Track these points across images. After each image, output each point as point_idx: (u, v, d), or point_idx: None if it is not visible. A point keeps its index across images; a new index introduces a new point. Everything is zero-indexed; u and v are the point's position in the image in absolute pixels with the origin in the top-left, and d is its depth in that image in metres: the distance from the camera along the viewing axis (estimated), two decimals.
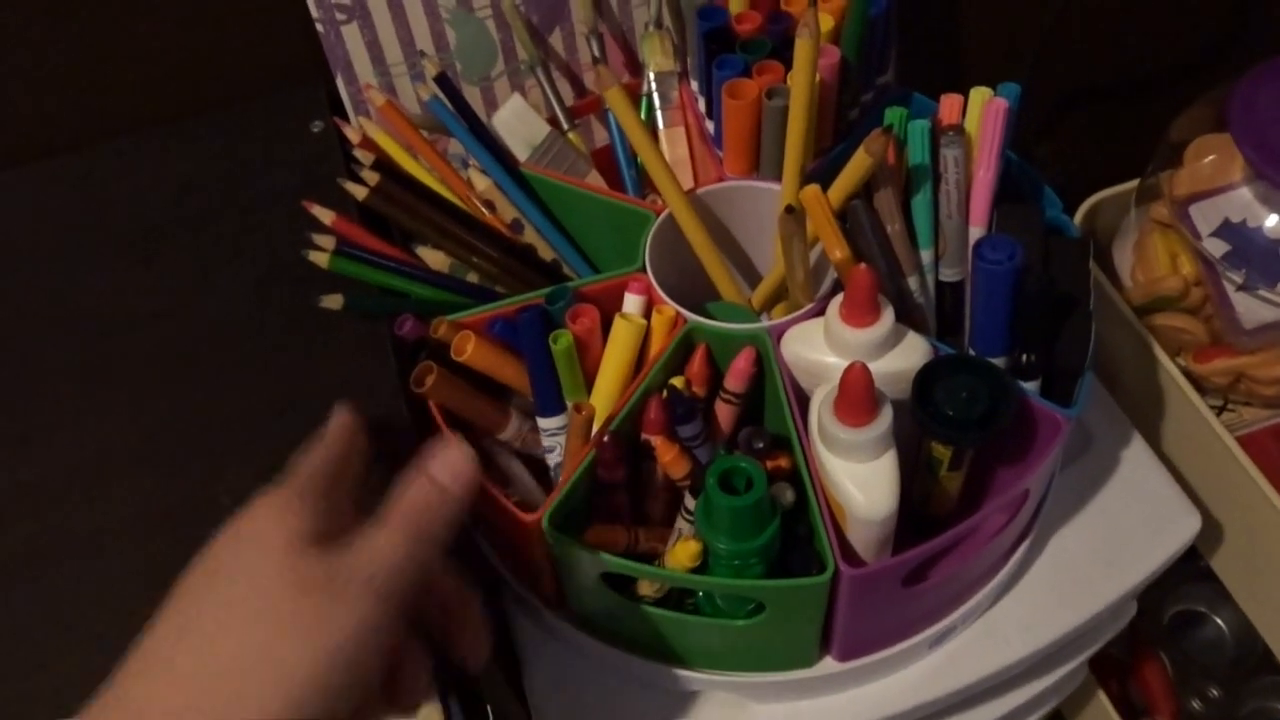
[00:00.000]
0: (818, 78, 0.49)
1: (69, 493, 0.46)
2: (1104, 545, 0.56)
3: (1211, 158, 0.66)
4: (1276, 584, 0.66)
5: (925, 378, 0.45)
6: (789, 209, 0.44)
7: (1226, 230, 0.63)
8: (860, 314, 0.44)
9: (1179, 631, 0.97)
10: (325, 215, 0.51)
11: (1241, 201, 0.64)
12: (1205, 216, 0.64)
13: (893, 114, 0.49)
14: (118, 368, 0.50)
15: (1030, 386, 0.47)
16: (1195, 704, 0.94)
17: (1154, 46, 0.88)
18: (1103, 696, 0.89)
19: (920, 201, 0.49)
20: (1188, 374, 0.66)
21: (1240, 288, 0.63)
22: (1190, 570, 0.90)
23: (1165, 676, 0.91)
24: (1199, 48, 0.90)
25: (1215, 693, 0.94)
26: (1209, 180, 0.65)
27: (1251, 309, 0.63)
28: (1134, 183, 0.72)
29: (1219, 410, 0.69)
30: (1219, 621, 0.97)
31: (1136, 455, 0.59)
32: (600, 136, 0.66)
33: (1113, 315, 0.68)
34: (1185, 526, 0.57)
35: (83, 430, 0.48)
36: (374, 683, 0.33)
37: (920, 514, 0.50)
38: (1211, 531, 0.67)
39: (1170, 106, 0.73)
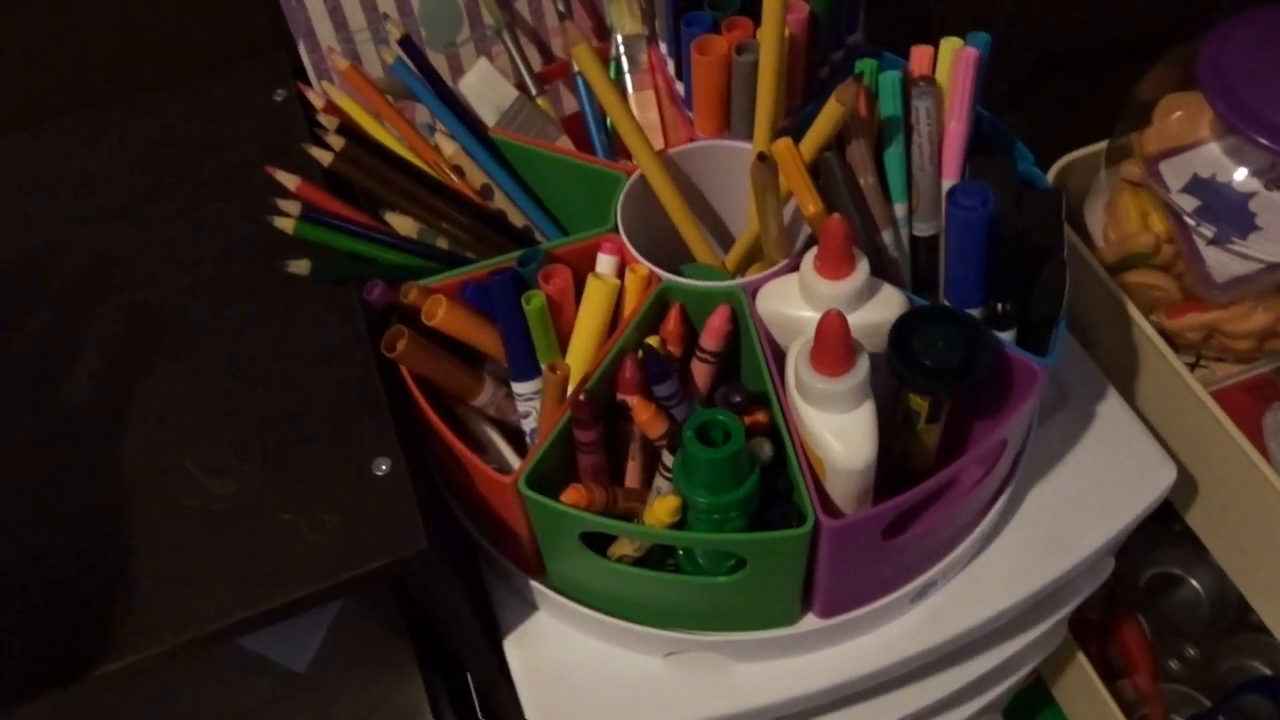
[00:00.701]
0: (787, 32, 0.49)
1: (35, 467, 0.45)
2: (1082, 498, 0.56)
3: (1179, 114, 0.66)
4: (1250, 536, 0.67)
5: (902, 329, 0.44)
6: (761, 156, 0.43)
7: (1196, 185, 0.64)
8: (835, 266, 0.44)
9: (1156, 594, 0.98)
10: (289, 180, 0.50)
11: (1210, 157, 0.64)
12: (1175, 173, 0.65)
13: (864, 65, 0.48)
14: (82, 339, 0.49)
15: (1006, 336, 0.47)
16: (1173, 664, 0.95)
17: (1121, 14, 0.88)
18: (1082, 658, 0.90)
19: (893, 154, 0.49)
20: (1161, 330, 0.67)
21: (1211, 242, 0.63)
22: (1165, 533, 0.91)
23: (1143, 638, 0.92)
24: (1166, 15, 0.90)
25: (1192, 652, 0.95)
26: (1178, 137, 0.65)
27: (1222, 263, 0.63)
28: (1103, 144, 0.72)
29: (1192, 366, 0.69)
30: (1194, 583, 0.99)
31: (1112, 410, 0.60)
32: (569, 104, 0.65)
33: (1086, 274, 0.69)
34: (1161, 478, 0.57)
35: (48, 404, 0.47)
36: None
37: (899, 470, 0.50)
38: (1186, 486, 0.68)
39: (1137, 73, 0.73)
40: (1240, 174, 0.62)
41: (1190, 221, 0.63)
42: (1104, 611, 0.93)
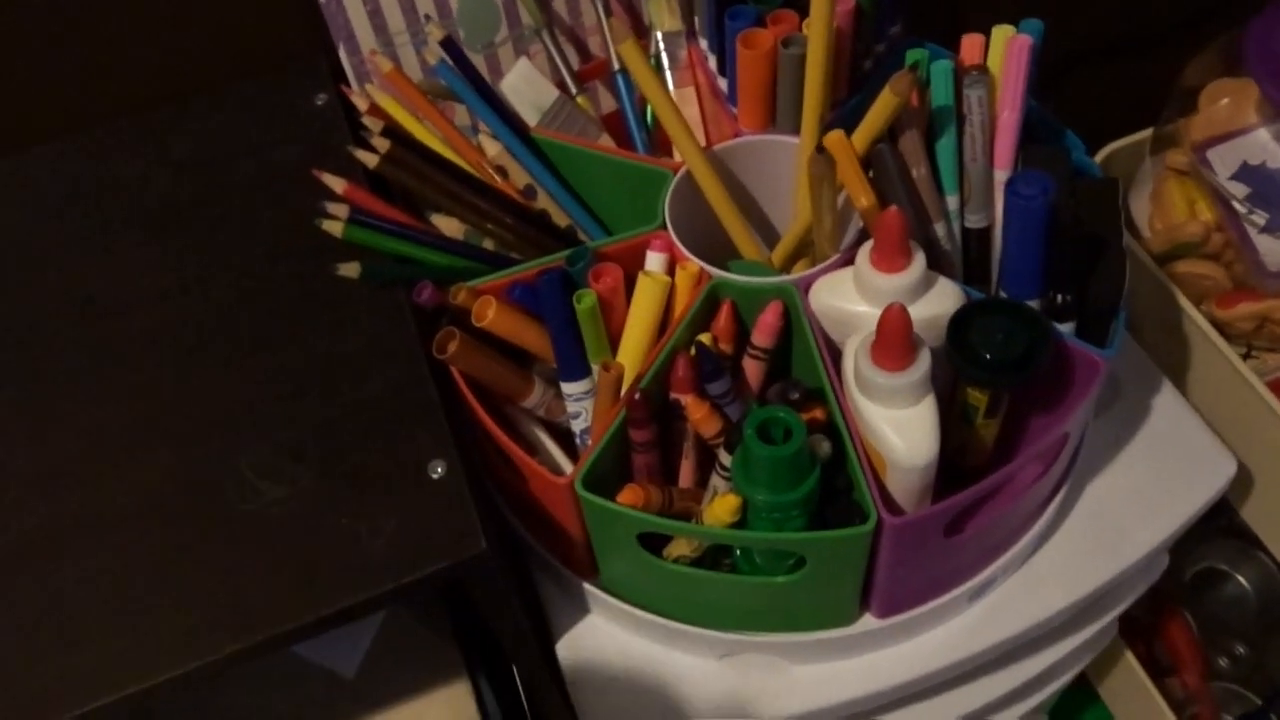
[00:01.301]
0: (834, 24, 0.48)
1: (89, 474, 0.44)
2: (1139, 493, 0.55)
3: (1226, 101, 0.65)
4: None
5: (960, 322, 0.44)
6: (819, 148, 0.43)
7: (1246, 173, 0.63)
8: (891, 259, 0.43)
9: (1202, 590, 0.97)
10: (337, 183, 0.49)
11: (1259, 143, 0.63)
12: (1224, 160, 0.64)
13: (915, 54, 0.48)
14: (132, 348, 0.49)
15: (1065, 328, 0.46)
16: (1222, 661, 0.93)
17: (1157, 2, 0.87)
18: (1130, 657, 0.88)
19: (945, 145, 0.48)
20: (1212, 320, 0.66)
21: (1263, 230, 0.62)
22: (1212, 527, 0.89)
23: (1191, 635, 0.91)
24: (1202, 3, 0.89)
25: (1242, 650, 0.94)
26: (1225, 124, 0.64)
27: (1275, 250, 0.62)
28: (1148, 132, 0.71)
29: (1244, 356, 0.68)
30: (1241, 579, 0.97)
31: (1167, 403, 0.59)
32: (607, 103, 0.65)
33: (1134, 265, 0.67)
34: (1220, 471, 0.56)
35: (100, 411, 0.46)
36: None
37: (955, 466, 0.50)
38: (1241, 480, 0.66)
39: (1176, 60, 0.72)
40: None
41: (1241, 209, 0.62)
42: (1150, 608, 0.92)
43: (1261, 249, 0.62)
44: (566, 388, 0.50)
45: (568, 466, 0.52)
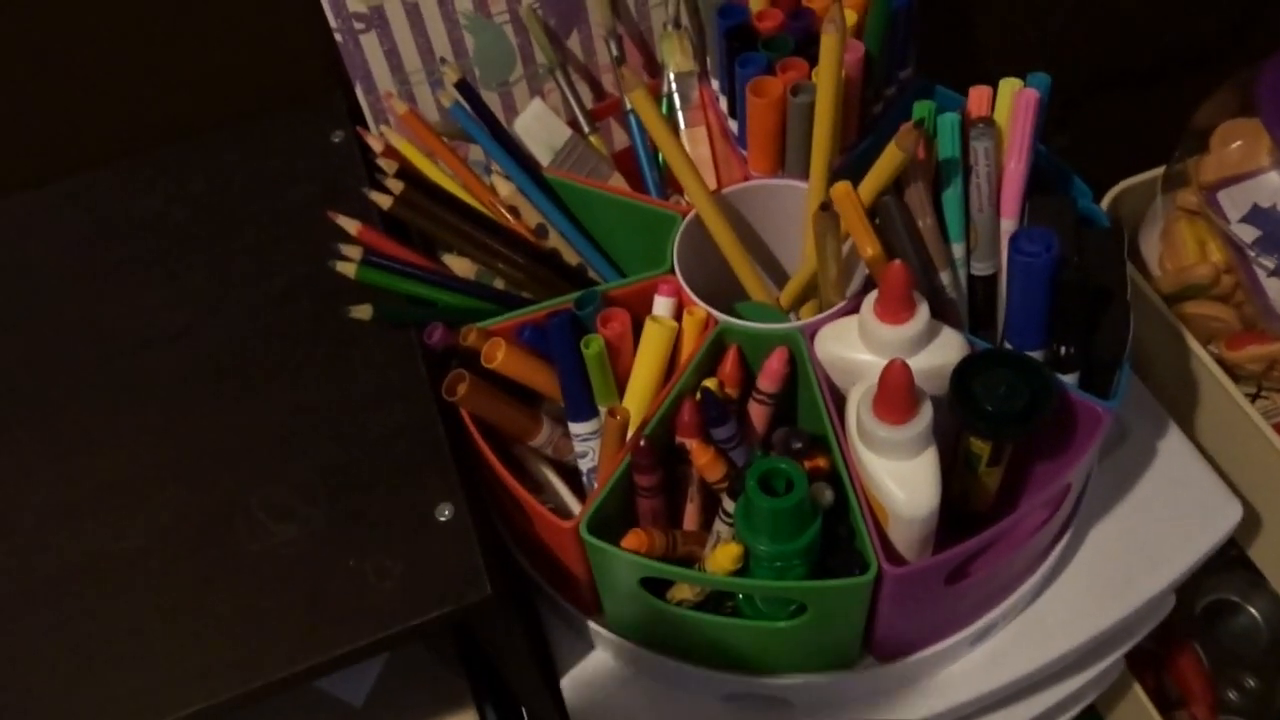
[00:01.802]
0: (843, 72, 0.49)
1: (104, 510, 0.45)
2: (1144, 537, 0.55)
3: (1238, 143, 0.65)
4: None
5: (963, 373, 0.44)
6: (823, 206, 0.43)
7: (1256, 215, 0.63)
8: (895, 311, 0.44)
9: (1212, 621, 0.96)
10: (351, 225, 0.50)
11: (1271, 186, 0.63)
12: (1234, 202, 0.64)
13: (921, 108, 0.48)
14: (146, 384, 0.50)
15: (1069, 379, 0.47)
16: (1232, 694, 0.93)
17: (1169, 34, 0.87)
18: (1138, 690, 0.88)
19: (951, 195, 0.49)
20: (1220, 362, 0.66)
21: (1272, 273, 0.62)
22: (1222, 559, 0.89)
23: (1201, 667, 0.91)
24: (1214, 34, 0.89)
25: (1252, 683, 0.93)
26: (1236, 166, 0.64)
27: None
28: (1158, 170, 0.71)
29: (1253, 397, 0.68)
30: (1252, 610, 0.97)
31: (1173, 445, 0.59)
32: (620, 139, 0.66)
33: (1143, 305, 0.68)
34: (1226, 516, 0.56)
35: (115, 448, 0.47)
36: None
37: (958, 510, 0.50)
38: (1249, 520, 0.66)
39: (1186, 94, 0.72)
40: None
41: (1250, 253, 0.62)
42: (1160, 640, 0.91)
43: (1271, 292, 0.62)
44: (574, 428, 0.50)
45: (574, 505, 0.52)
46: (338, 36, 0.56)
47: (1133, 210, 0.74)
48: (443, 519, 0.44)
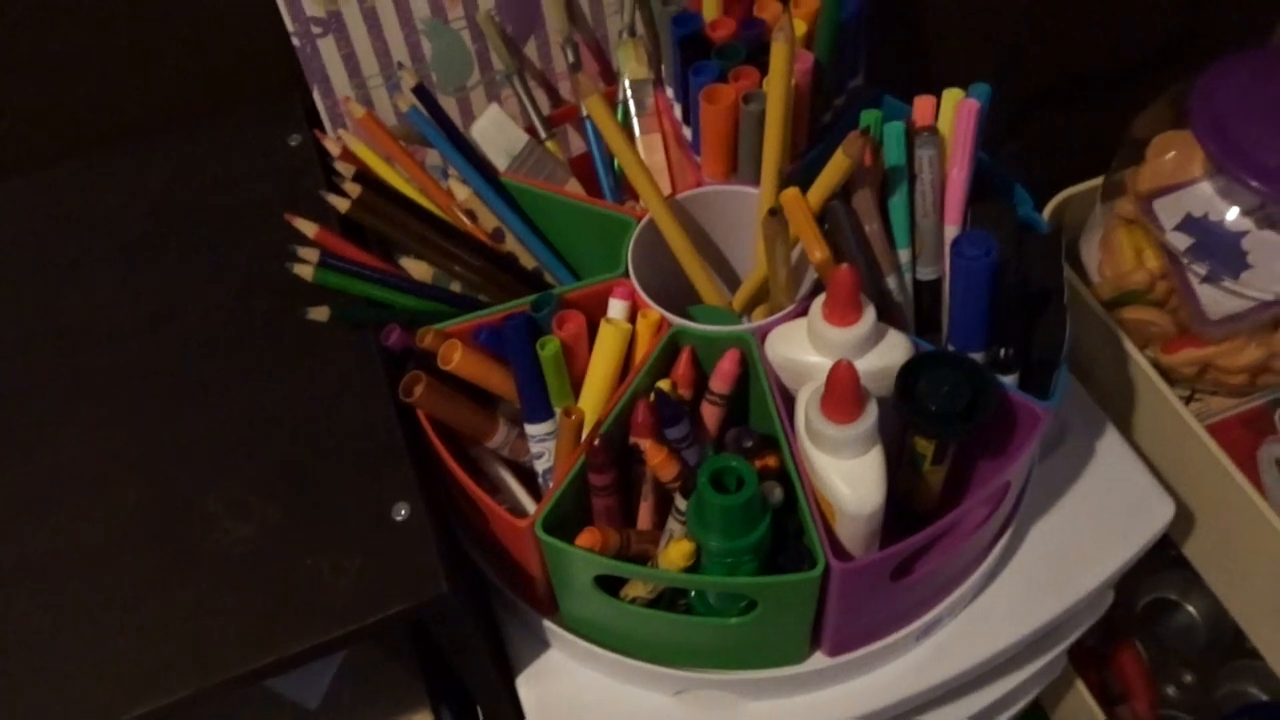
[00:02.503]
0: (793, 82, 0.50)
1: (59, 506, 0.45)
2: (1082, 534, 0.57)
3: (1173, 154, 0.67)
4: (1248, 568, 0.68)
5: (908, 374, 0.46)
6: (772, 212, 0.45)
7: (1189, 224, 0.65)
8: (843, 313, 0.45)
9: (1152, 619, 0.99)
10: (309, 228, 0.51)
11: (1203, 196, 0.65)
12: (1168, 211, 0.66)
13: (868, 116, 0.50)
14: (103, 381, 0.50)
15: (1009, 380, 0.48)
16: (1171, 690, 0.96)
17: (1115, 46, 0.90)
18: (1081, 686, 0.91)
19: (897, 202, 0.50)
20: (1156, 365, 0.68)
21: (1204, 280, 0.64)
22: (1161, 559, 0.92)
23: (1141, 664, 0.93)
24: (1158, 46, 0.92)
25: (1189, 678, 0.96)
26: (1171, 176, 0.67)
27: (1216, 300, 0.64)
28: (1099, 179, 0.74)
29: (1187, 399, 0.71)
30: (1190, 609, 1.00)
31: (1110, 446, 0.61)
32: (577, 145, 0.66)
33: (1082, 309, 0.70)
34: (1159, 514, 0.58)
35: (69, 444, 0.47)
36: None
37: (904, 508, 0.51)
38: (1184, 519, 0.69)
39: (1131, 104, 0.75)
40: (1232, 213, 0.64)
41: (1184, 260, 0.65)
42: (1101, 638, 0.94)
43: (1203, 298, 0.64)
44: (530, 429, 0.51)
45: (530, 505, 0.53)
46: (295, 40, 0.57)
47: (1075, 217, 0.76)
48: (399, 518, 0.45)
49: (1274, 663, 0.70)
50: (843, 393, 0.42)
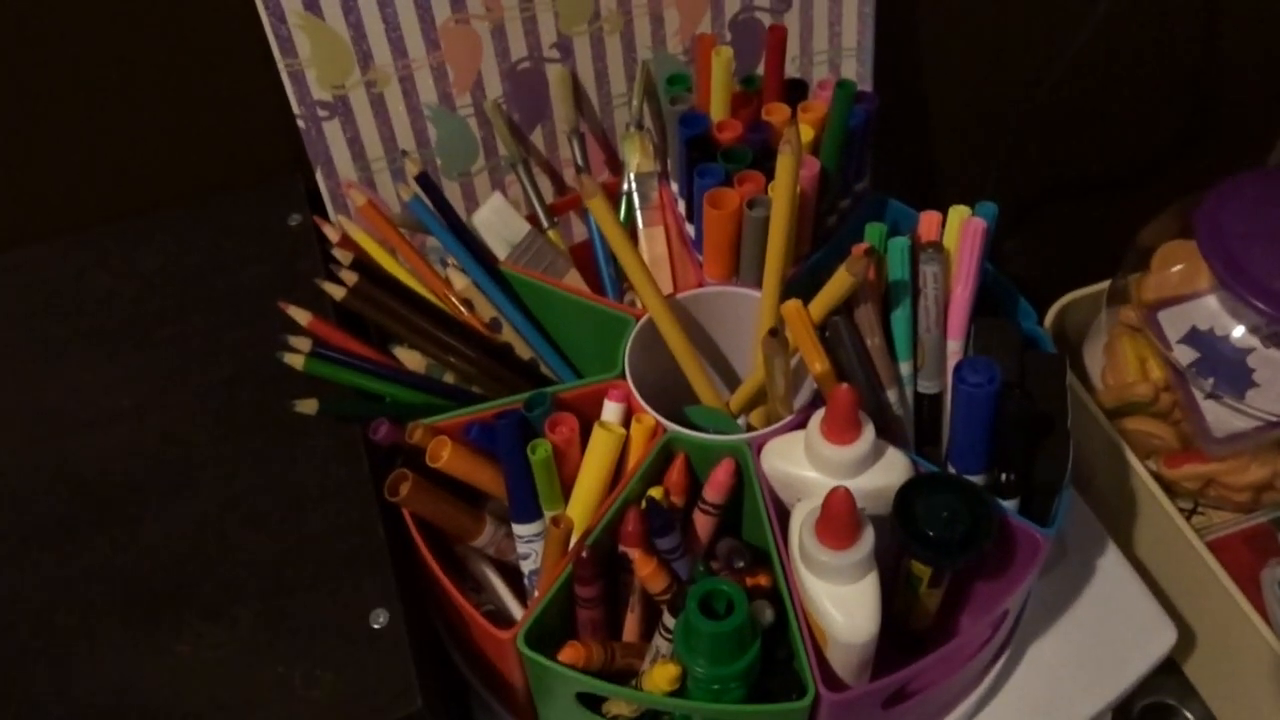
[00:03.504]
0: (798, 189, 0.50)
1: (29, 604, 0.44)
2: (1081, 658, 0.55)
3: (1179, 266, 0.67)
4: (1247, 687, 0.66)
5: (906, 495, 0.45)
6: (772, 332, 0.44)
7: (1194, 338, 0.64)
8: (841, 432, 0.44)
9: None
10: (302, 316, 0.50)
11: (1209, 310, 0.65)
12: (1173, 323, 0.66)
13: (873, 232, 0.49)
14: (77, 463, 0.48)
15: (1009, 504, 0.47)
16: None
17: (1118, 146, 0.91)
18: None
19: (899, 315, 0.50)
20: (1159, 478, 0.67)
21: (1209, 395, 0.63)
22: (1161, 664, 0.90)
23: None
24: (1163, 147, 0.93)
25: None
26: (1176, 287, 0.66)
27: (1221, 417, 0.63)
28: (1104, 284, 0.73)
29: (1189, 513, 0.70)
30: (1188, 715, 0.97)
31: (1111, 565, 0.59)
32: (579, 232, 0.66)
33: (1085, 418, 0.69)
34: (1161, 640, 0.57)
35: (38, 533, 0.46)
36: None
37: (898, 627, 0.50)
38: (1184, 635, 0.67)
39: (1135, 204, 0.75)
40: (1238, 330, 0.63)
41: (1188, 374, 0.64)
42: None
43: (1208, 415, 0.64)
44: (518, 529, 0.50)
45: (515, 606, 0.52)
46: (300, 123, 0.56)
47: (1078, 321, 0.76)
48: (377, 625, 0.43)
49: None
50: (838, 519, 0.41)
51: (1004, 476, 0.46)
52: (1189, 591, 0.65)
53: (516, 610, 0.52)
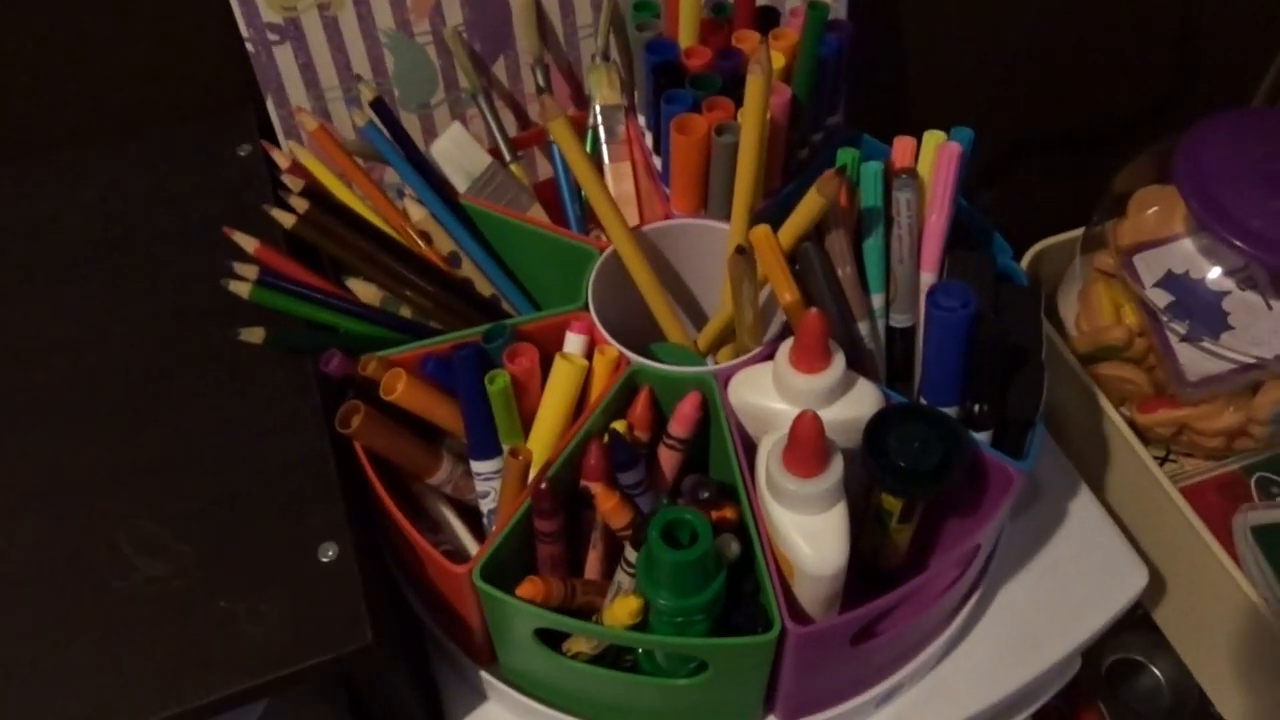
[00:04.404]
0: (768, 115, 0.48)
1: None
2: (1052, 600, 0.55)
3: (1155, 209, 0.66)
4: (1216, 634, 0.66)
5: (877, 427, 0.43)
6: (739, 250, 0.42)
7: (1169, 281, 0.63)
8: (811, 360, 0.43)
9: (1116, 680, 0.97)
10: (248, 243, 0.48)
11: (1184, 253, 0.64)
12: (1149, 267, 0.65)
13: (845, 155, 0.47)
14: (18, 401, 0.46)
15: (982, 437, 0.46)
16: None
17: (1097, 99, 0.89)
18: None
19: (872, 245, 0.48)
20: (1132, 424, 0.66)
21: (1184, 338, 0.63)
22: (1128, 619, 0.90)
23: None
24: (1141, 102, 0.92)
25: None
26: (1152, 231, 0.65)
27: (1195, 360, 0.62)
28: (1079, 231, 0.72)
29: (1162, 460, 0.69)
30: (1155, 671, 0.97)
31: (1084, 507, 0.59)
32: (544, 170, 0.64)
33: (1058, 364, 0.68)
34: (1133, 581, 0.56)
35: None
36: None
37: (868, 566, 0.49)
38: (1155, 582, 0.67)
39: (1111, 157, 0.74)
40: (1214, 272, 0.62)
41: (1163, 318, 0.63)
42: (1064, 698, 0.91)
43: (1181, 358, 0.63)
44: (476, 466, 0.48)
45: (473, 547, 0.50)
46: (249, 46, 0.54)
47: (1052, 269, 0.75)
48: (326, 559, 0.41)
49: None
50: (806, 446, 0.40)
51: (977, 408, 0.45)
52: (1161, 538, 0.64)
53: (475, 550, 0.50)
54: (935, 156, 0.47)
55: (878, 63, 0.77)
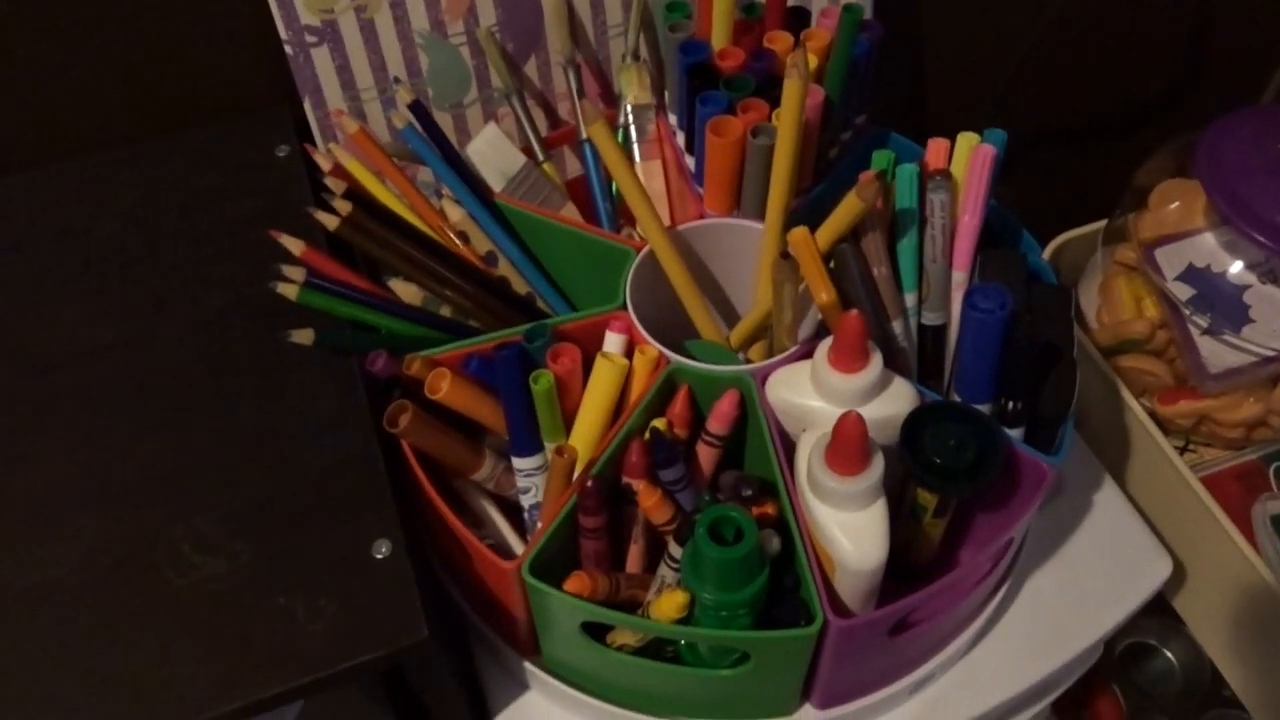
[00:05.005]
0: (805, 117, 0.49)
1: (13, 541, 0.43)
2: (1078, 590, 0.56)
3: (1176, 203, 0.67)
4: (1237, 622, 0.67)
5: (913, 424, 0.44)
6: (783, 254, 0.43)
7: (1191, 275, 0.64)
8: (850, 360, 0.44)
9: (1130, 664, 0.98)
10: (295, 245, 0.48)
11: (1206, 247, 0.65)
12: (1170, 261, 0.65)
13: (881, 158, 0.48)
14: (67, 404, 0.47)
15: (1014, 433, 0.47)
16: None
17: (1112, 92, 0.90)
18: None
19: (906, 245, 0.49)
20: (1153, 415, 0.67)
21: (1205, 331, 0.63)
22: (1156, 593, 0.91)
23: (1120, 710, 0.92)
24: (1154, 94, 0.92)
25: None
26: (1174, 225, 0.66)
27: (1216, 353, 0.63)
28: (1100, 224, 0.73)
29: (1181, 450, 0.70)
30: (1168, 654, 0.99)
31: (1108, 499, 0.60)
32: (573, 167, 0.65)
33: (1080, 357, 0.69)
34: (1156, 571, 0.57)
35: (31, 474, 0.45)
36: None
37: (900, 560, 0.50)
38: (1174, 570, 0.68)
39: (1128, 150, 0.74)
40: (1235, 266, 0.63)
41: (1185, 311, 0.64)
42: (1081, 682, 0.93)
43: (1203, 351, 0.64)
44: (518, 463, 0.49)
45: (514, 541, 0.51)
46: (288, 49, 0.55)
47: (1073, 262, 0.76)
48: (379, 556, 0.43)
49: (1255, 712, 0.69)
50: (849, 445, 0.41)
51: (1010, 405, 0.46)
52: (1181, 527, 0.65)
53: (517, 545, 0.51)
54: (969, 159, 0.48)
55: (895, 60, 0.77)
